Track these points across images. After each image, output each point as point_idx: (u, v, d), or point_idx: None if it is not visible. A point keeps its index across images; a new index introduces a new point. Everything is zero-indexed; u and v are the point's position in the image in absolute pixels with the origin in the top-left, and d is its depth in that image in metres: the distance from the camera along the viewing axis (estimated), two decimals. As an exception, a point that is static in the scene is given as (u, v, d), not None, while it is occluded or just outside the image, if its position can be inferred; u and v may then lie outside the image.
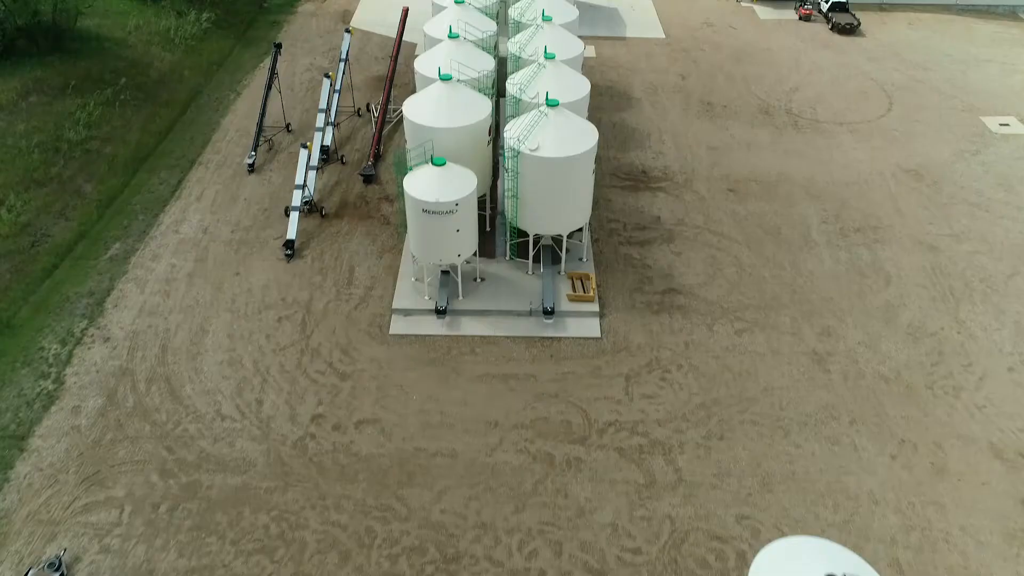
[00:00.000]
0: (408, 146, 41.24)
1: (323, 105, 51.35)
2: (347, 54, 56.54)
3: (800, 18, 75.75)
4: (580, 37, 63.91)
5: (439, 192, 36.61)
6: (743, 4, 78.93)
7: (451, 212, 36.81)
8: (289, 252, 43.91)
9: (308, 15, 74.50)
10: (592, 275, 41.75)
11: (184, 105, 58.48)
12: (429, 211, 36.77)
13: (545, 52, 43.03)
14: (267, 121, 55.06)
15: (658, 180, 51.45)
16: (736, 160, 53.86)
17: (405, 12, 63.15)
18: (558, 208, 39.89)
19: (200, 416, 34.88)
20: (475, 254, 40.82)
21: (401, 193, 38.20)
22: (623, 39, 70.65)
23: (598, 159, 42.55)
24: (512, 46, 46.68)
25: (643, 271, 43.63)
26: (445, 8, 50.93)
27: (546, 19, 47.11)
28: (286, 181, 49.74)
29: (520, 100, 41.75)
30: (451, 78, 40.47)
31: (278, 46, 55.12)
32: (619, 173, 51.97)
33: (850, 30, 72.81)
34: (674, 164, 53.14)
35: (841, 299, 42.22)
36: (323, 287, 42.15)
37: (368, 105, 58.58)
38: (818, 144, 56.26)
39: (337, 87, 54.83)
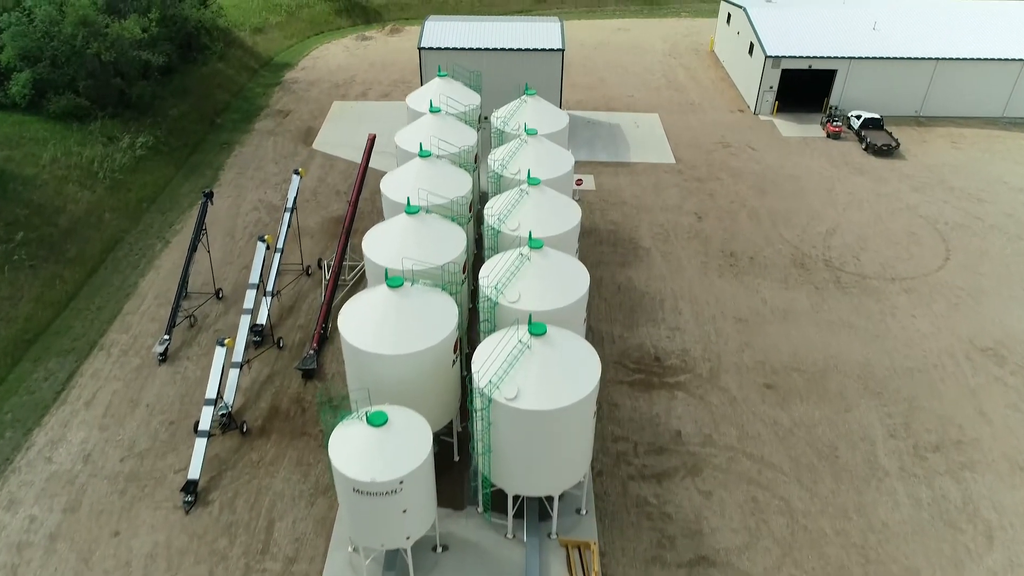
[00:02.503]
0: (349, 380, 30.75)
1: (255, 278, 40.98)
2: (294, 202, 46.52)
3: (828, 135, 66.39)
4: (577, 161, 54.39)
5: (376, 466, 25.80)
6: (762, 118, 69.72)
7: (394, 492, 25.98)
8: (189, 499, 32.97)
9: (265, 134, 65.11)
10: (594, 545, 30.66)
11: (97, 260, 48.30)
12: (363, 492, 25.94)
13: (529, 239, 32.79)
14: (194, 284, 44.98)
15: (676, 371, 40.82)
16: (771, 338, 43.37)
17: (371, 141, 53.25)
18: (545, 467, 29.09)
19: None
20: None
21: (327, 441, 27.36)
22: (627, 164, 61.03)
23: (599, 341, 32.47)
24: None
25: (662, 525, 32.59)
26: (412, 157, 40.93)
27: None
28: (206, 375, 39.05)
29: (496, 304, 31.39)
30: (401, 283, 30.12)
31: (208, 195, 45.08)
32: (627, 361, 41.39)
33: (887, 152, 63.32)
34: (695, 346, 42.60)
35: (931, 572, 31.09)
36: (228, 557, 31.04)
37: (320, 261, 48.40)
38: (868, 310, 45.88)
39: (279, 244, 44.80)
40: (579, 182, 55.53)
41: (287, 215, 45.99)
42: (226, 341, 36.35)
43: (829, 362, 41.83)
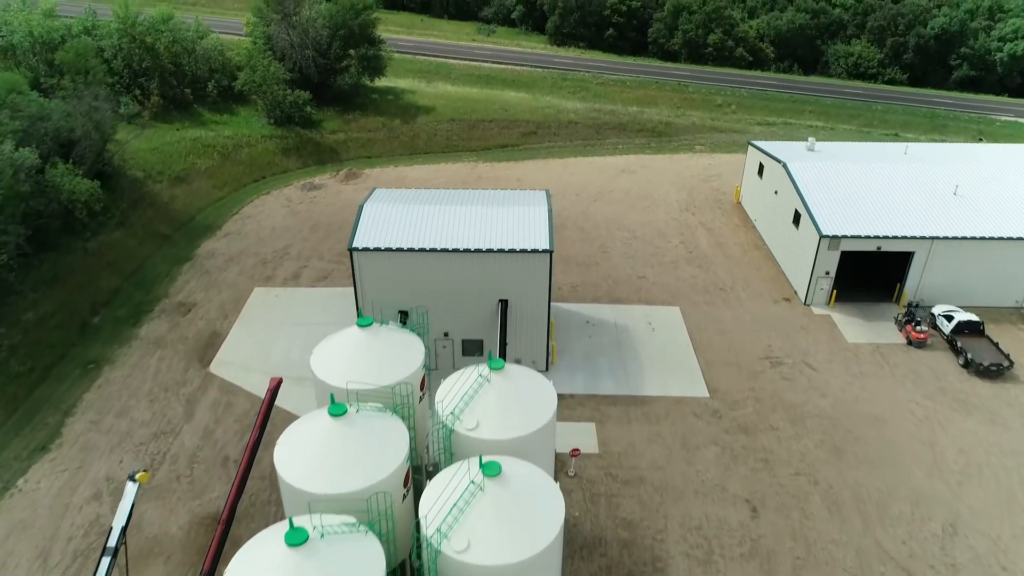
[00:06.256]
0: None
1: None
2: (122, 535, 28.98)
3: (909, 343, 49.56)
4: (571, 395, 38.59)
5: None
6: (815, 311, 53.00)
7: None
8: None
9: (151, 345, 48.12)
10: None
11: None
12: None
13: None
14: None
15: None
16: None
17: (272, 390, 36.44)
18: None
19: None
20: None
21: None
22: (641, 400, 43.88)
23: None
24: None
25: None
26: (296, 493, 24.11)
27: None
28: None
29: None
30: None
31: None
32: None
33: (997, 372, 46.41)
34: None
35: None
36: None
37: (162, 626, 30.63)
38: None
39: (84, 623, 27.16)
40: (575, 452, 38.44)
41: (105, 565, 28.32)
42: None
43: None
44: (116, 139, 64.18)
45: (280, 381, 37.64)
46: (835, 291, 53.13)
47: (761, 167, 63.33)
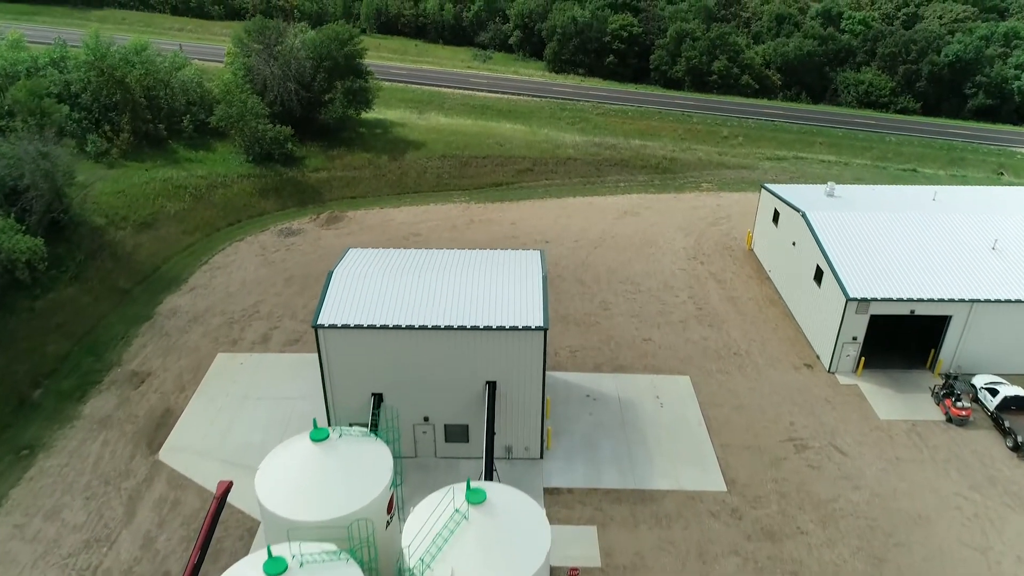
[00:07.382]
0: None
1: None
2: None
3: (948, 419, 44.19)
4: (570, 490, 33.06)
5: None
6: (841, 381, 47.63)
7: None
8: None
9: (96, 426, 42.68)
10: None
11: None
12: None
13: None
14: None
15: None
16: None
17: (221, 496, 31.48)
18: None
19: None
20: None
21: None
22: (649, 495, 38.39)
23: None
24: None
25: None
26: None
27: None
28: None
29: None
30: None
31: None
32: None
33: (1052, 458, 41.09)
34: None
35: None
36: None
37: None
38: None
39: None
40: (574, 573, 32.84)
41: None
42: None
43: None
44: (78, 182, 59.28)
45: (229, 485, 32.67)
46: (863, 358, 47.79)
47: (776, 214, 58.16)
